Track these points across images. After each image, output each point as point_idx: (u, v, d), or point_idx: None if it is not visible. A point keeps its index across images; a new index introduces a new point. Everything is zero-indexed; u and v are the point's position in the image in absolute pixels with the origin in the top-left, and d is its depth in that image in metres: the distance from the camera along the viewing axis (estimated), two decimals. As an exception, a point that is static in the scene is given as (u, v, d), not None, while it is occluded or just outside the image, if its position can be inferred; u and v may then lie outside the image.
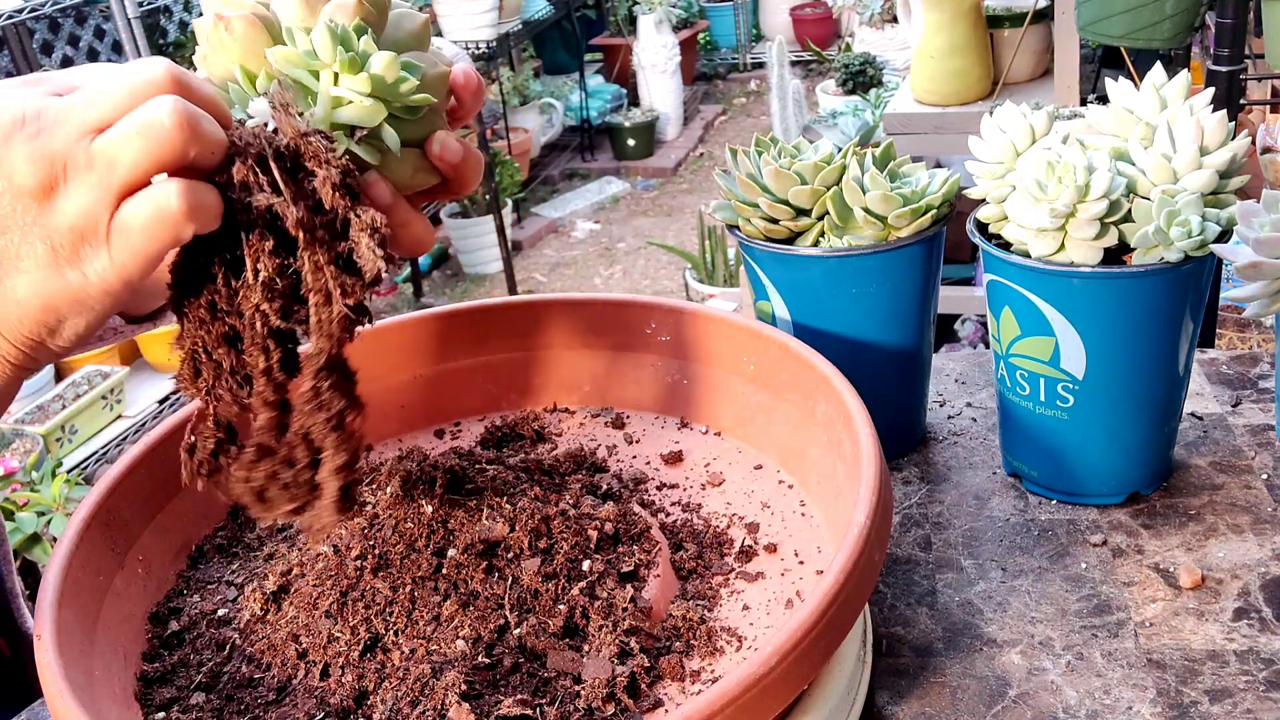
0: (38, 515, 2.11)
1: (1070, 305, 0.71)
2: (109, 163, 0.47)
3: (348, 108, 0.52)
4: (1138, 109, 0.73)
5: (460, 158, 0.57)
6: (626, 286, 4.13)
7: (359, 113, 0.52)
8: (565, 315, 0.84)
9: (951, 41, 2.25)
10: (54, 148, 0.47)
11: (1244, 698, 0.61)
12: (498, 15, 3.94)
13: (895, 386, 0.84)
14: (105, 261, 0.48)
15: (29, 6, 2.69)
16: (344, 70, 0.51)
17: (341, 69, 0.51)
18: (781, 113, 2.73)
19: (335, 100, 0.52)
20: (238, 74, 0.53)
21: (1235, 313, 1.70)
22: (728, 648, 0.60)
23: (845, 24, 5.42)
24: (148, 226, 0.47)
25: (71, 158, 0.47)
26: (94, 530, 0.64)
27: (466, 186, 0.58)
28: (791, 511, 0.71)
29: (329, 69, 0.52)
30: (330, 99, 0.52)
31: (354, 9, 0.53)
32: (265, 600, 0.64)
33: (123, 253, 0.48)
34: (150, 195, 0.48)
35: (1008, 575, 0.73)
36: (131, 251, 0.48)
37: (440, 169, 0.57)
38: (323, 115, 0.52)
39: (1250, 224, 0.69)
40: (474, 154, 0.58)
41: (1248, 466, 0.80)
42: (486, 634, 0.58)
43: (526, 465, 0.71)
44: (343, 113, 0.52)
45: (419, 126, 0.56)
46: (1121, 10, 1.85)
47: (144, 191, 0.48)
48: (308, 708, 0.57)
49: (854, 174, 0.78)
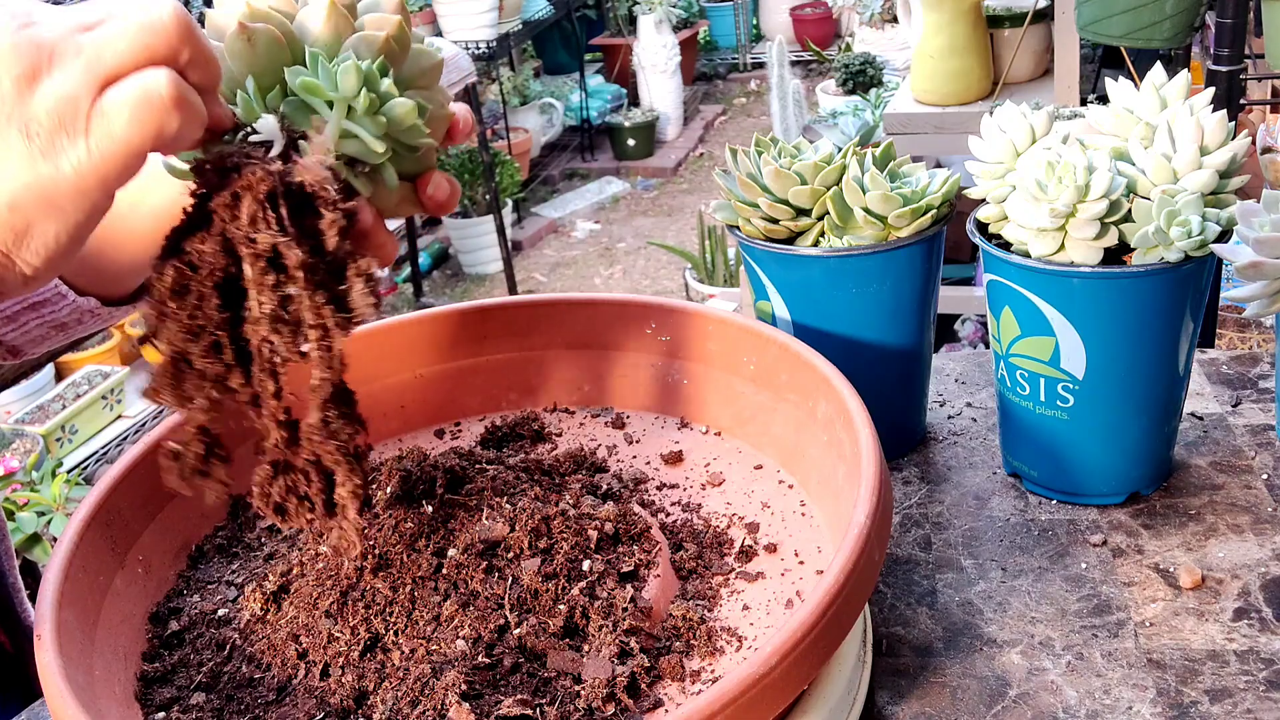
0: (38, 515, 2.11)
1: (1070, 305, 0.71)
2: (98, 49, 0.46)
3: (354, 143, 0.53)
4: (1138, 109, 0.73)
5: (447, 195, 0.59)
6: (626, 286, 4.13)
7: (366, 151, 0.53)
8: (565, 315, 0.84)
9: (951, 41, 2.25)
10: (44, 36, 0.45)
11: (1244, 698, 0.61)
12: (498, 15, 3.94)
13: (895, 386, 0.84)
14: (82, 152, 0.46)
15: (29, 6, 2.68)
16: (363, 110, 0.52)
17: (360, 108, 0.52)
18: (781, 113, 2.74)
19: (344, 132, 0.52)
20: (249, 85, 0.53)
21: (1235, 313, 1.70)
22: (728, 648, 0.60)
23: (845, 24, 5.42)
24: (133, 111, 0.46)
25: (60, 47, 0.46)
26: (94, 530, 0.64)
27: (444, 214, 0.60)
28: (791, 511, 0.71)
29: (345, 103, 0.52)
30: (339, 131, 0.52)
31: (381, 45, 0.53)
32: (265, 600, 0.64)
33: (102, 141, 0.46)
34: (138, 78, 0.46)
35: (1008, 575, 0.73)
36: (111, 139, 0.46)
37: (426, 205, 0.59)
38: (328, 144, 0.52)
39: (1250, 224, 0.69)
40: (457, 189, 0.60)
41: (1248, 466, 0.80)
42: (486, 634, 0.58)
43: (526, 465, 0.71)
44: (349, 146, 0.53)
45: (414, 163, 0.57)
46: (1121, 10, 1.85)
47: (132, 75, 0.46)
48: (308, 708, 0.57)
49: (854, 174, 0.78)
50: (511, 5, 4.09)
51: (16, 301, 0.71)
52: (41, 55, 0.45)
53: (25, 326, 0.72)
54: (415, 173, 0.58)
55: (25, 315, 0.72)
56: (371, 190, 0.55)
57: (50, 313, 0.72)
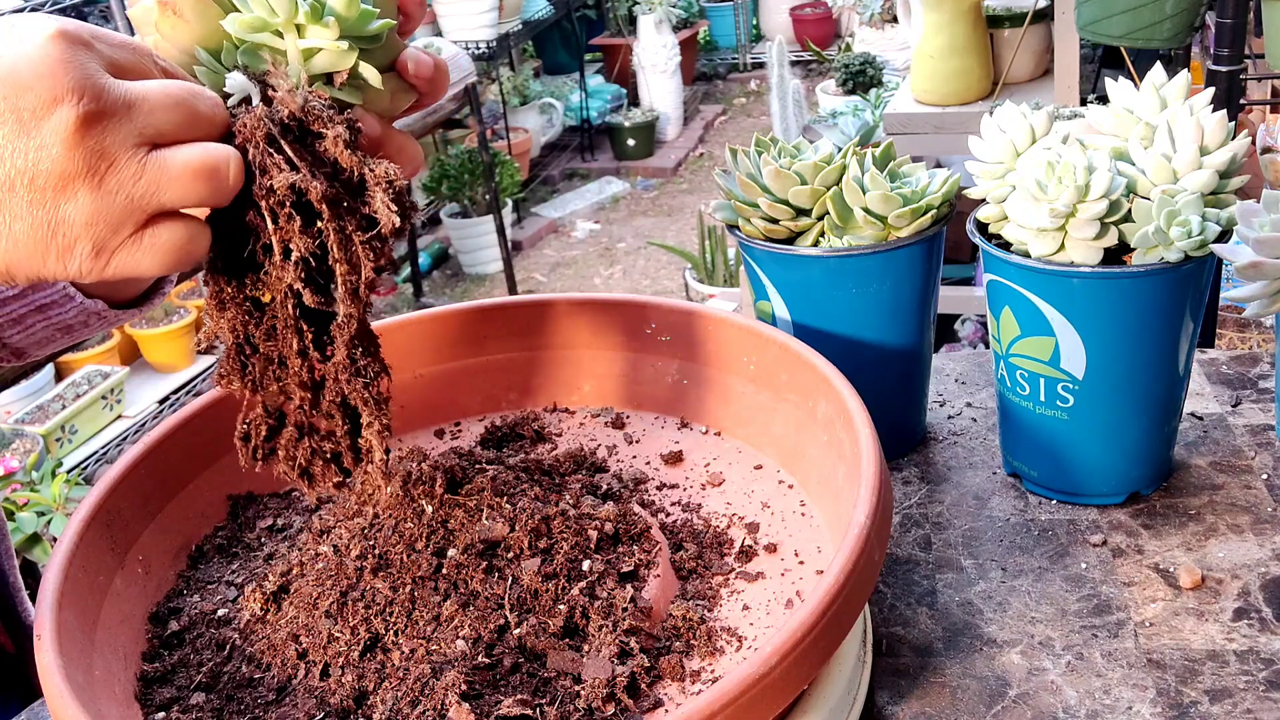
0: (38, 515, 2.11)
1: (1070, 305, 0.71)
2: (156, 188, 0.46)
3: (320, 57, 0.52)
4: (1138, 109, 0.73)
5: (433, 70, 0.57)
6: (626, 286, 4.13)
7: (333, 59, 0.52)
8: (565, 315, 0.84)
9: (951, 41, 2.25)
10: (104, 144, 0.45)
11: (1244, 698, 0.61)
12: (498, 15, 3.94)
13: (895, 386, 0.84)
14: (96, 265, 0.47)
15: (29, 7, 2.69)
16: (309, 22, 0.51)
17: (307, 20, 0.51)
18: (781, 113, 2.73)
19: (306, 53, 0.52)
20: (201, 55, 0.53)
21: (1235, 313, 1.70)
22: (728, 648, 0.60)
23: (845, 24, 5.42)
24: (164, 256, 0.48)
25: (118, 162, 0.45)
26: (94, 530, 0.64)
27: (439, 94, 0.59)
28: (791, 511, 0.71)
29: (291, 24, 0.51)
30: (301, 54, 0.52)
31: None
32: (265, 600, 0.64)
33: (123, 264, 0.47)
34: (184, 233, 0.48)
35: (1008, 575, 0.73)
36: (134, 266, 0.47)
37: (416, 85, 0.57)
38: (296, 71, 0.52)
39: (1250, 224, 0.69)
40: (441, 62, 0.58)
41: (1248, 466, 0.80)
42: (486, 634, 0.58)
43: (526, 465, 0.71)
44: (317, 63, 0.52)
45: (384, 52, 0.56)
46: (1121, 10, 1.85)
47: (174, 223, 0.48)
48: (308, 708, 0.57)
49: (854, 174, 0.78)
50: (511, 5, 4.09)
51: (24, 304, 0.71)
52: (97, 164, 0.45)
53: (32, 329, 0.72)
54: (390, 61, 0.56)
55: (32, 318, 0.72)
56: (362, 97, 0.55)
57: (58, 315, 0.72)
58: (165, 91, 0.47)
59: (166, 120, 0.47)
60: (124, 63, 0.48)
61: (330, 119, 0.51)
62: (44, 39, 0.45)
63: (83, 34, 0.46)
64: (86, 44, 0.46)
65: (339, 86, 0.53)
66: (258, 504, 0.77)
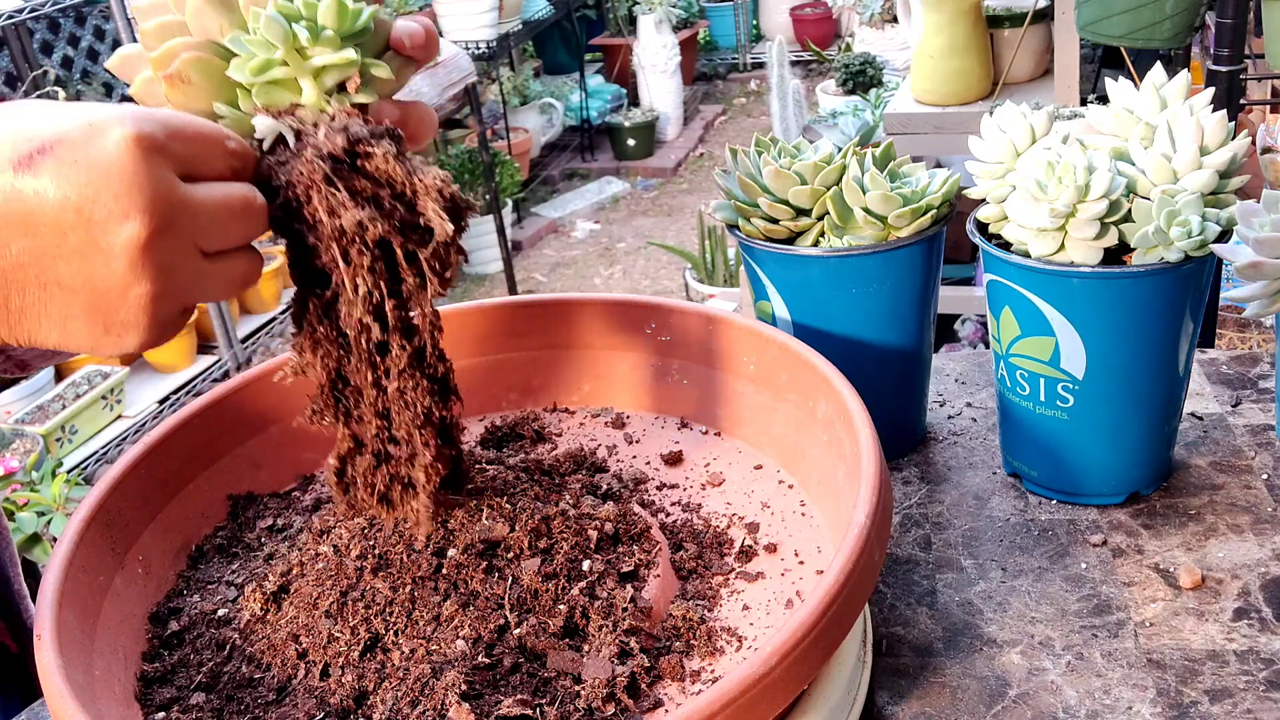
0: (38, 515, 2.11)
1: (1070, 305, 0.71)
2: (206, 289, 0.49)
3: (331, 72, 0.53)
4: (1138, 109, 0.73)
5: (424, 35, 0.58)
6: (626, 286, 4.12)
7: (343, 69, 0.53)
8: (565, 315, 0.84)
9: (951, 41, 2.25)
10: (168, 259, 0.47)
11: (1244, 698, 0.61)
12: (498, 15, 3.94)
13: (895, 386, 0.84)
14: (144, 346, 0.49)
15: (29, 6, 2.69)
16: (310, 44, 0.52)
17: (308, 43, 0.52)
18: (781, 113, 2.73)
19: (316, 72, 0.52)
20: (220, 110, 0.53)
21: (1235, 313, 1.70)
22: (728, 648, 0.60)
23: (845, 24, 5.42)
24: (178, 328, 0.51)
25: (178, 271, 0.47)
26: (94, 530, 0.64)
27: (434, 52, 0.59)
28: (791, 511, 0.71)
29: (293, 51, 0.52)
30: (312, 75, 0.52)
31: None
32: (265, 600, 0.64)
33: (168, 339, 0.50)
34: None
35: (1008, 575, 0.73)
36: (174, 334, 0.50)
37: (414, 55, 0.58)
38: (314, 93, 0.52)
39: (1250, 224, 0.69)
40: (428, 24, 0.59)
41: (1248, 466, 0.80)
42: (486, 634, 0.58)
43: (526, 465, 0.71)
44: (329, 78, 0.53)
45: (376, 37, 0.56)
46: (1121, 10, 1.85)
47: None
48: (308, 708, 0.57)
49: (854, 174, 0.78)
50: (511, 5, 4.09)
51: None
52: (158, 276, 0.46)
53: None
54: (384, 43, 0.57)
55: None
56: (374, 92, 0.55)
57: None
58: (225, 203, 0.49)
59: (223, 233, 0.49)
60: (192, 158, 0.48)
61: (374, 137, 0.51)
62: (123, 144, 0.45)
63: (158, 137, 0.46)
64: (161, 149, 0.46)
65: (355, 91, 0.54)
66: (258, 504, 0.77)
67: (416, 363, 0.56)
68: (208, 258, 0.49)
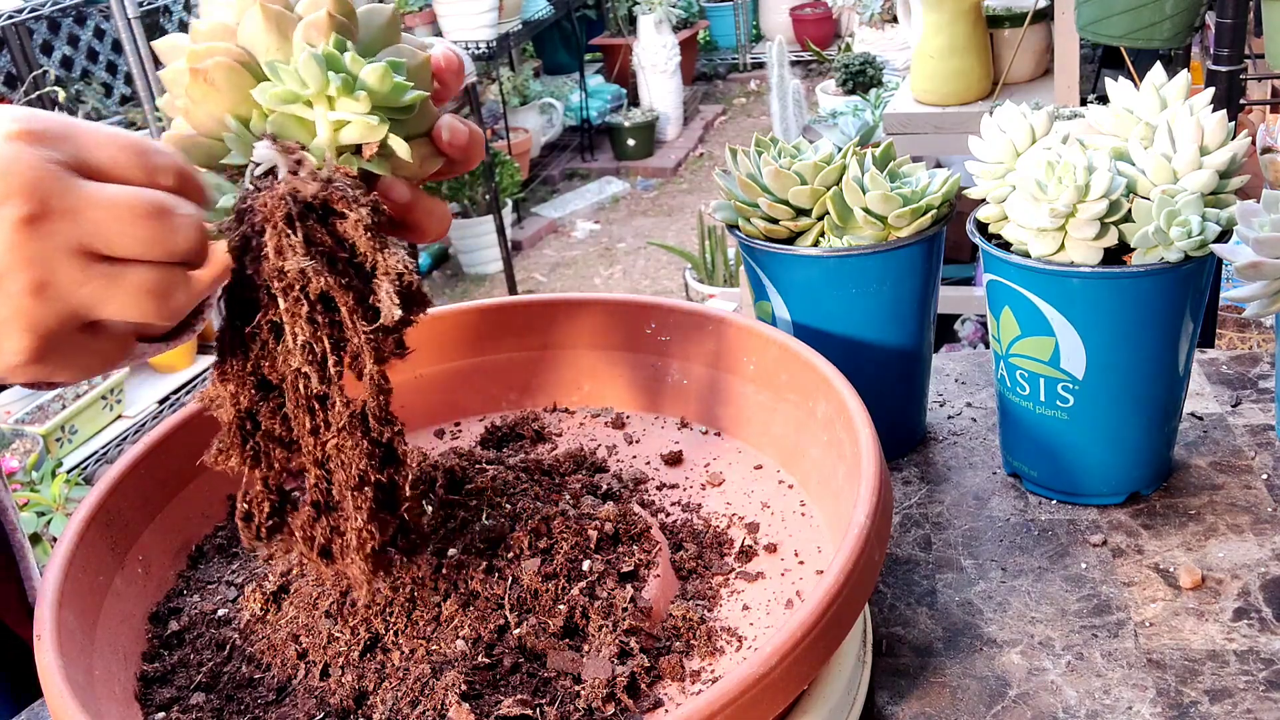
0: (38, 515, 2.11)
1: (1070, 305, 0.71)
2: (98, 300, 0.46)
3: (349, 130, 0.51)
4: (1138, 109, 0.73)
5: (467, 138, 0.56)
6: (626, 286, 4.13)
7: (362, 132, 0.51)
8: (565, 315, 0.84)
9: (951, 41, 2.25)
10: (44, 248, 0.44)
11: (1244, 698, 0.61)
12: (498, 15, 3.94)
13: (895, 386, 0.84)
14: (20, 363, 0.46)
15: (29, 6, 2.69)
16: (340, 95, 0.50)
17: (338, 94, 0.50)
18: (781, 113, 2.73)
19: (336, 125, 0.51)
20: (230, 122, 0.52)
21: (1235, 313, 1.70)
22: (728, 648, 0.60)
23: (845, 24, 5.42)
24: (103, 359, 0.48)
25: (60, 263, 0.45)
26: (94, 530, 0.64)
27: (472, 163, 0.57)
28: (791, 511, 0.71)
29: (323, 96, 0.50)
30: (330, 126, 0.51)
31: (326, 24, 0.51)
32: (265, 600, 0.64)
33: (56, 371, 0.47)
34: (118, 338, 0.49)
35: (1008, 575, 0.73)
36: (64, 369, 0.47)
37: (450, 154, 0.56)
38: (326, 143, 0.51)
39: (1250, 224, 0.69)
40: (476, 131, 0.57)
41: (1248, 466, 0.80)
42: (486, 634, 0.58)
43: (526, 465, 0.71)
44: (346, 135, 0.51)
45: (418, 121, 0.55)
46: (1121, 10, 1.85)
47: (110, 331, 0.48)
48: (308, 708, 0.57)
49: (854, 174, 0.78)
50: (511, 5, 4.09)
51: None
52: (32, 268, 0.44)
53: None
54: (424, 130, 0.55)
55: None
56: (389, 167, 0.53)
57: None
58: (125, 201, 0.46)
59: (119, 231, 0.45)
60: (101, 162, 0.46)
61: (355, 200, 0.50)
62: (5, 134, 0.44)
63: (50, 131, 0.45)
64: (52, 141, 0.45)
65: (368, 159, 0.52)
66: (258, 504, 0.77)
67: (359, 423, 0.53)
68: (103, 260, 0.46)
